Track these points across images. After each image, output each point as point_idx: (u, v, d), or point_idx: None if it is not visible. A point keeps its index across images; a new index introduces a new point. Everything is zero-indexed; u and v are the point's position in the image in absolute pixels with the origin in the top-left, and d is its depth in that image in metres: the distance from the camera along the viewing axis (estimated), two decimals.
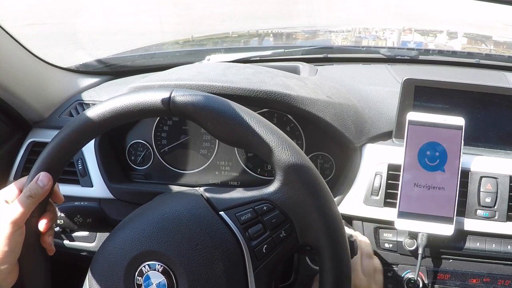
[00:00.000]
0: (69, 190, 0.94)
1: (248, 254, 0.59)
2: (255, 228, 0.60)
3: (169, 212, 0.61)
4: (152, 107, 0.60)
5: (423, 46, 1.38)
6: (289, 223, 0.60)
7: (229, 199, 0.62)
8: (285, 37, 1.65)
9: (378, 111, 0.92)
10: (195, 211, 0.61)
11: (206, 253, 0.58)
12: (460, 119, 0.83)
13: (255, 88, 0.81)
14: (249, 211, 0.61)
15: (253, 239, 0.60)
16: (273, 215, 0.60)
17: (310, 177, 0.58)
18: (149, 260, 0.58)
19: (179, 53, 1.39)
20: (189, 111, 0.59)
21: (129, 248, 0.59)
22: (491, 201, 0.81)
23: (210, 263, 0.58)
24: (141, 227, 0.60)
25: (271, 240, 0.60)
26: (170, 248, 0.58)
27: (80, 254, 0.96)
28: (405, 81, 0.88)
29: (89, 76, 1.17)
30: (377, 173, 0.85)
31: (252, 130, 0.58)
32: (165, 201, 0.65)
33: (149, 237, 0.59)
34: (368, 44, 1.52)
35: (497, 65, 1.13)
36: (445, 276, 0.83)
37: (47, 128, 1.01)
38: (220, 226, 0.60)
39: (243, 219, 0.60)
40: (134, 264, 0.59)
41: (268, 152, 0.58)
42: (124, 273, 0.59)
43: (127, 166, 0.98)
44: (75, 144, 0.62)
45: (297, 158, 0.58)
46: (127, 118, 0.61)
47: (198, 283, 0.57)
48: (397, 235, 0.84)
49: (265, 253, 0.60)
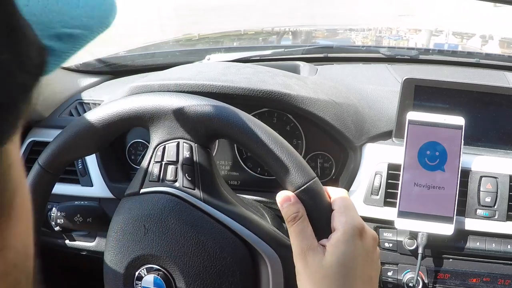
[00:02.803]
0: (69, 190, 0.94)
1: (183, 194, 0.61)
2: (168, 173, 0.62)
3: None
4: None
5: (458, 48, 1.33)
6: (183, 142, 0.62)
7: (138, 178, 0.64)
8: (304, 35, 1.64)
9: (378, 110, 0.92)
10: (126, 207, 0.62)
11: (162, 229, 0.59)
12: (460, 119, 0.83)
13: (255, 88, 0.81)
14: (154, 168, 0.63)
15: (175, 181, 0.62)
16: (168, 150, 0.62)
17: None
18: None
19: (179, 53, 1.38)
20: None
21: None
22: (491, 201, 0.81)
23: (173, 233, 0.59)
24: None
25: (186, 167, 0.62)
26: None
27: (80, 254, 0.96)
28: (405, 80, 0.88)
29: (89, 76, 1.16)
30: (377, 172, 0.85)
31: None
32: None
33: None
34: (388, 44, 1.49)
35: (497, 64, 1.13)
36: (445, 275, 0.83)
37: (47, 127, 1.01)
38: (149, 200, 0.61)
39: (155, 177, 0.62)
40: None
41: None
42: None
43: (127, 166, 0.98)
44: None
45: None
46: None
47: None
48: (397, 234, 0.84)
49: (191, 179, 0.62)
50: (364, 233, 0.53)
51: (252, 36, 1.58)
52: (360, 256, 0.52)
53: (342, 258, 0.51)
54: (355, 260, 0.51)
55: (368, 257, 0.53)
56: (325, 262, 0.51)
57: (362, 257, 0.52)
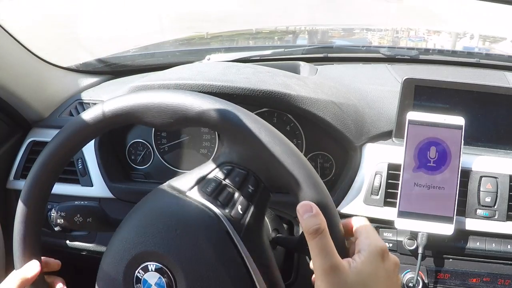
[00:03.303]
0: (69, 190, 0.94)
1: (226, 221, 0.58)
2: (223, 194, 0.60)
3: (145, 212, 0.61)
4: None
5: (490, 51, 1.30)
6: (252, 175, 0.59)
7: (190, 179, 0.62)
8: (320, 35, 1.63)
9: (378, 110, 0.92)
10: (164, 200, 0.61)
11: (190, 238, 0.57)
12: (460, 119, 0.83)
13: (255, 88, 0.81)
14: (212, 180, 0.60)
15: (226, 205, 0.59)
16: (234, 174, 0.59)
17: (261, 129, 0.55)
18: (142, 263, 0.58)
19: (179, 53, 1.39)
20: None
21: (120, 256, 0.59)
22: (491, 201, 0.81)
23: (197, 247, 0.57)
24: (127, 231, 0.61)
25: (243, 199, 0.59)
26: (156, 245, 0.58)
27: (80, 254, 0.96)
28: (405, 80, 0.88)
29: (89, 76, 1.16)
30: (377, 172, 0.85)
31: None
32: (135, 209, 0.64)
33: (137, 239, 0.59)
34: (406, 45, 1.47)
35: (497, 64, 1.13)
36: (445, 275, 0.83)
37: (47, 127, 1.01)
38: (192, 207, 0.59)
39: (209, 190, 0.60)
40: (129, 271, 0.59)
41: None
42: (123, 280, 0.59)
43: (127, 166, 0.98)
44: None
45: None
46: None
47: (190, 266, 0.57)
48: (397, 234, 0.84)
49: (242, 213, 0.59)
50: (387, 256, 0.53)
51: (267, 36, 1.57)
52: (382, 278, 0.52)
53: (366, 278, 0.51)
54: (378, 281, 0.51)
55: (390, 280, 0.53)
56: (350, 281, 0.50)
57: (384, 279, 0.52)
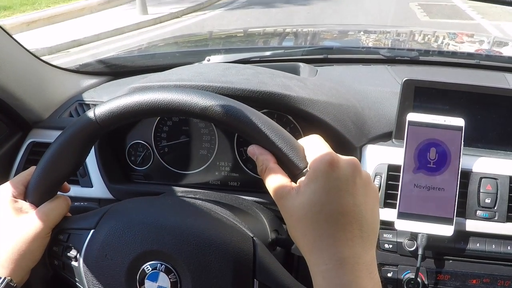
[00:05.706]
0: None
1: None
2: None
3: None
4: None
5: (490, 53, 1.30)
6: None
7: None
8: (319, 36, 1.64)
9: (378, 112, 0.92)
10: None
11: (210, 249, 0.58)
12: (460, 120, 0.83)
13: (254, 89, 0.81)
14: None
15: None
16: None
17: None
18: (150, 260, 0.58)
19: (179, 54, 1.39)
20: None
21: (128, 249, 0.59)
22: (491, 202, 0.81)
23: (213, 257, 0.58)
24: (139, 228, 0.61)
25: None
26: (170, 246, 0.58)
27: None
28: (405, 81, 0.88)
29: (89, 77, 1.17)
30: (377, 173, 0.85)
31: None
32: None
33: (148, 237, 0.59)
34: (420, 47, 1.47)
35: (497, 66, 1.13)
36: (445, 276, 0.83)
37: (47, 128, 1.01)
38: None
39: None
40: (135, 266, 0.59)
41: None
42: (125, 276, 0.59)
43: (127, 167, 0.98)
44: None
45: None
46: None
47: (200, 272, 0.57)
48: (397, 235, 0.84)
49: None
50: (337, 163, 0.49)
51: (267, 36, 1.57)
52: (333, 189, 0.49)
53: (313, 196, 0.49)
54: (328, 194, 0.49)
55: (347, 185, 0.49)
56: (297, 204, 0.49)
57: (336, 189, 0.49)
